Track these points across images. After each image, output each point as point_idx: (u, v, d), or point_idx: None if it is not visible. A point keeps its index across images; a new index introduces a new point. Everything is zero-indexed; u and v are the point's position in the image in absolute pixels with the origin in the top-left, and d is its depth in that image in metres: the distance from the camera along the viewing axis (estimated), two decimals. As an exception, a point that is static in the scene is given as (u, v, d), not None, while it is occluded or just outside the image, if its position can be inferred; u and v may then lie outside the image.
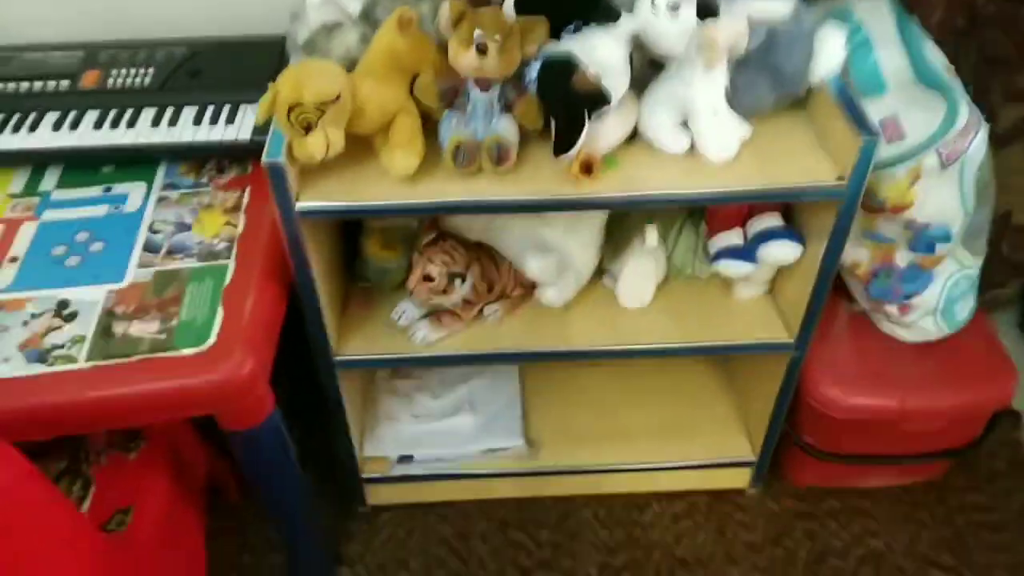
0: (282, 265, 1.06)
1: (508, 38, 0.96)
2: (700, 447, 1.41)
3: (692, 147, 1.02)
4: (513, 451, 1.39)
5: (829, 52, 1.02)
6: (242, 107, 1.19)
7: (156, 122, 1.18)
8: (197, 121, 1.17)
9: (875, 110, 1.08)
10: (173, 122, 1.17)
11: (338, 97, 0.92)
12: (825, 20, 1.10)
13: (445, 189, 0.98)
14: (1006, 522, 1.40)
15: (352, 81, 0.95)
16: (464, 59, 0.96)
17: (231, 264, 1.05)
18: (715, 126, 1.00)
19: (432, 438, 1.40)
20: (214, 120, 1.17)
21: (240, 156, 1.19)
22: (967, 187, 1.13)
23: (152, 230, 1.11)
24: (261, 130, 1.07)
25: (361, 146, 1.01)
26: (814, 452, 1.34)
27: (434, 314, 1.19)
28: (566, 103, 0.94)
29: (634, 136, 1.04)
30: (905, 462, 1.35)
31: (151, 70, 1.23)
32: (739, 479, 1.43)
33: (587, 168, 0.98)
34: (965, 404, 1.25)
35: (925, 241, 1.17)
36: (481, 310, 1.22)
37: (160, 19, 1.31)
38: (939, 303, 1.24)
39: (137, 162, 1.19)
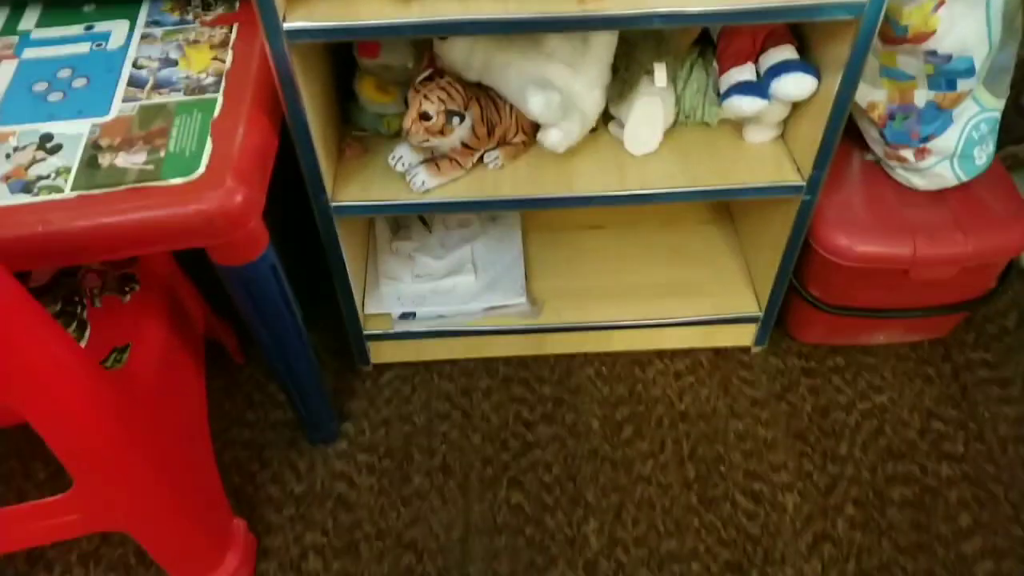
0: (273, 99, 1.01)
1: None
2: (705, 304, 1.39)
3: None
4: (516, 309, 1.38)
5: None
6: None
7: (137, -44, 1.12)
8: (180, -50, 1.11)
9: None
10: (155, -45, 1.11)
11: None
12: None
13: (440, 8, 0.93)
14: (1013, 377, 1.39)
15: None
16: None
17: (220, 98, 1.00)
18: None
19: (434, 296, 1.38)
20: (199, -53, 1.11)
21: (226, -8, 1.13)
22: (994, 15, 1.06)
23: (136, 66, 1.06)
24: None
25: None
26: (821, 305, 1.32)
27: (432, 159, 1.16)
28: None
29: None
30: (915, 315, 1.33)
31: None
32: (744, 336, 1.42)
33: (592, -14, 0.92)
34: (980, 251, 1.22)
35: (946, 76, 1.11)
36: (481, 157, 1.18)
37: None
38: (958, 147, 1.20)
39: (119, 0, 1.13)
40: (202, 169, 0.92)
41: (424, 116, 1.08)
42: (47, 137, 0.97)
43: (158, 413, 1.04)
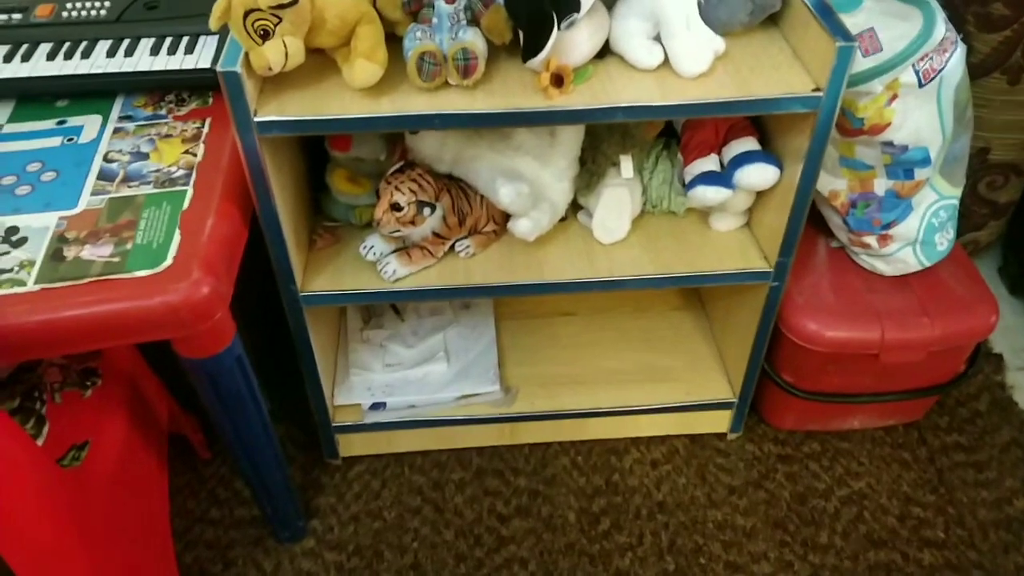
0: (244, 191, 1.02)
1: (473, -54, 0.93)
2: (679, 390, 1.38)
3: (665, 63, 0.99)
4: (489, 397, 1.36)
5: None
6: (201, 39, 1.15)
7: (112, 53, 1.13)
8: (155, 51, 1.13)
9: (851, 23, 1.05)
10: (129, 52, 1.13)
11: (295, 1, 0.88)
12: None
13: (410, 103, 0.95)
14: (988, 460, 1.39)
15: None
16: (428, -34, 0.93)
17: (189, 190, 1.00)
18: (688, 39, 0.97)
19: (405, 385, 1.36)
20: (172, 50, 1.13)
21: (200, 87, 1.14)
22: (945, 107, 1.11)
23: (107, 159, 1.06)
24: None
25: (322, 61, 0.97)
26: (794, 391, 1.32)
27: (403, 249, 1.16)
28: (534, 7, 0.91)
29: (605, 52, 1.01)
30: (886, 399, 1.33)
31: (106, 2, 1.19)
32: (719, 423, 1.41)
33: (558, 80, 0.95)
34: (947, 334, 1.23)
35: (904, 165, 1.15)
36: (453, 246, 1.19)
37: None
38: (919, 233, 1.22)
39: (92, 94, 1.14)
40: (169, 261, 0.92)
41: (395, 207, 1.09)
42: (12, 230, 0.96)
43: (115, 512, 1.00)
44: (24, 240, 0.95)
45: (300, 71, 0.95)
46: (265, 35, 0.89)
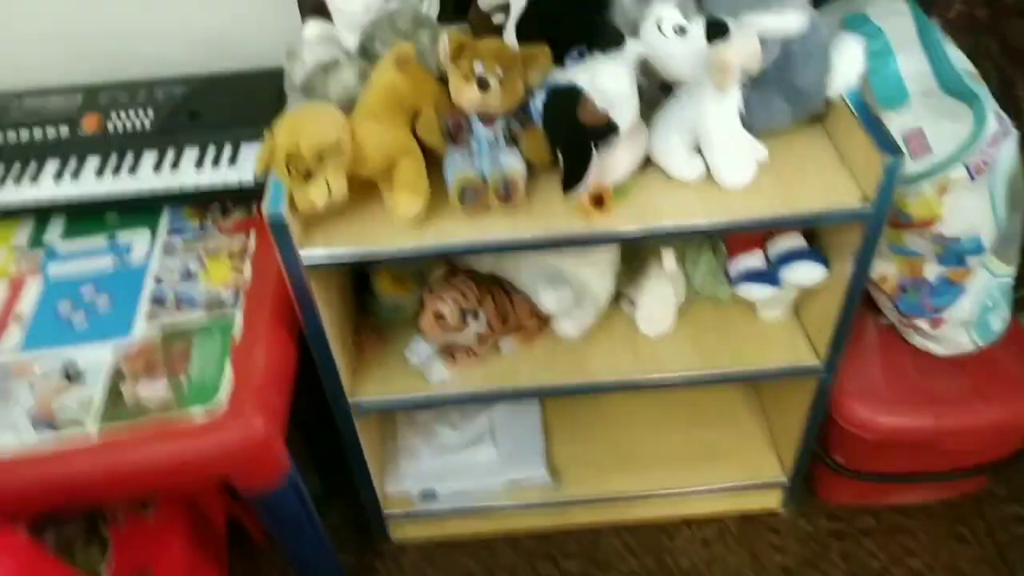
0: (291, 313, 1.03)
1: (510, 70, 0.93)
2: (729, 470, 1.37)
3: (707, 171, 0.98)
4: (537, 481, 1.36)
5: (847, 64, 0.97)
6: (243, 146, 1.16)
7: (158, 166, 1.15)
8: (199, 164, 1.15)
9: (898, 123, 1.03)
10: (175, 165, 1.15)
11: (337, 143, 0.89)
12: (840, 27, 1.07)
13: (453, 230, 0.95)
14: (1050, 534, 1.36)
15: (351, 124, 0.92)
16: (466, 94, 0.93)
17: (238, 315, 1.02)
18: (730, 151, 0.96)
19: (454, 471, 1.37)
20: (216, 162, 1.15)
21: (244, 198, 1.16)
22: (998, 196, 1.08)
23: (157, 280, 1.08)
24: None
25: (366, 189, 0.98)
26: (847, 472, 1.30)
27: (448, 350, 1.16)
28: (573, 137, 0.90)
29: (645, 163, 1.00)
30: (941, 479, 1.31)
31: (150, 111, 1.21)
32: (770, 500, 1.39)
33: (598, 201, 0.94)
34: (1003, 420, 1.20)
35: (955, 254, 1.12)
36: (496, 343, 1.19)
37: (158, 57, 1.29)
38: (972, 316, 1.19)
39: (141, 208, 1.17)
40: (223, 398, 0.93)
41: (440, 316, 1.10)
42: (70, 363, 0.99)
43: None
44: (82, 375, 0.98)
45: (343, 199, 0.96)
46: (308, 175, 0.90)
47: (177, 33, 1.28)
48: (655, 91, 1.00)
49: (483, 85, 0.91)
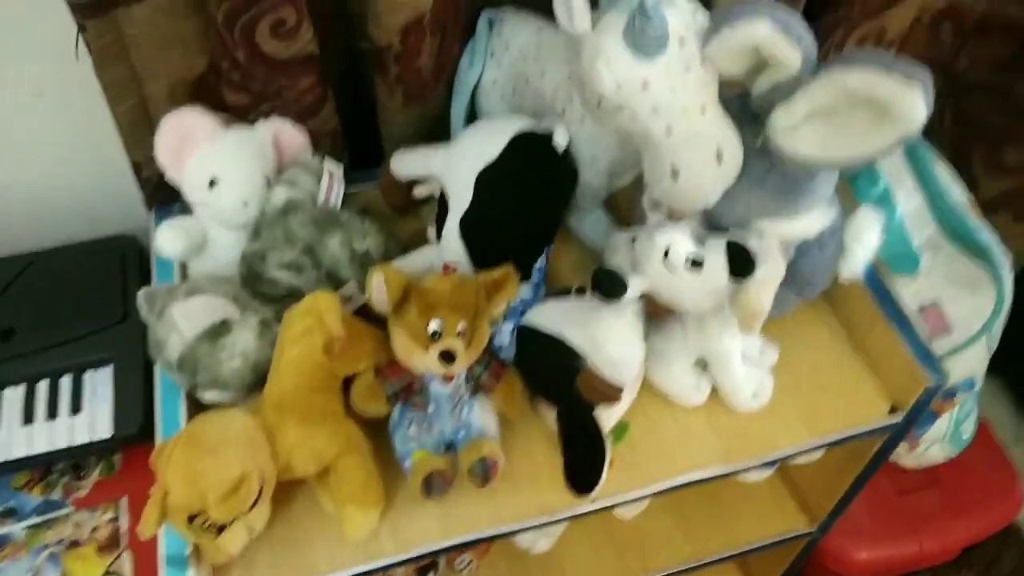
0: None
1: (475, 317, 0.70)
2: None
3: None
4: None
5: (864, 247, 0.81)
6: (88, 374, 0.86)
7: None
8: (27, 414, 0.84)
9: (912, 291, 0.89)
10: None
11: (253, 474, 0.63)
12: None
13: (420, 533, 0.72)
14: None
15: (266, 421, 0.66)
16: (423, 362, 0.69)
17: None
18: (744, 372, 0.79)
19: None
20: (52, 408, 0.84)
21: (101, 448, 0.86)
22: (995, 339, 0.98)
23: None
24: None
25: (294, 486, 0.73)
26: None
27: None
28: (577, 422, 0.70)
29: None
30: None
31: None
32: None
33: (599, 466, 0.75)
34: (980, 529, 1.16)
35: (947, 393, 1.03)
36: (453, 564, 0.99)
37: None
38: (947, 432, 1.12)
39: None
40: None
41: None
42: None
43: None
44: None
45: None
46: (221, 529, 0.64)
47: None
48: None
49: (448, 358, 0.68)
